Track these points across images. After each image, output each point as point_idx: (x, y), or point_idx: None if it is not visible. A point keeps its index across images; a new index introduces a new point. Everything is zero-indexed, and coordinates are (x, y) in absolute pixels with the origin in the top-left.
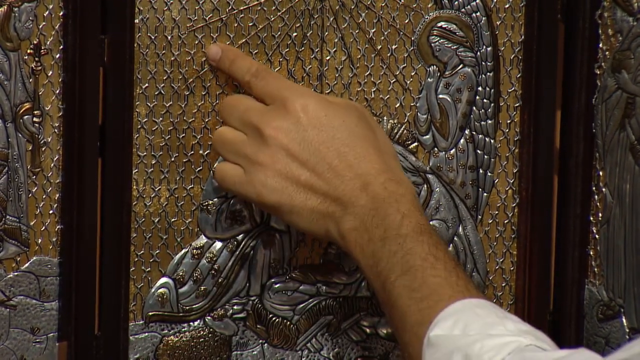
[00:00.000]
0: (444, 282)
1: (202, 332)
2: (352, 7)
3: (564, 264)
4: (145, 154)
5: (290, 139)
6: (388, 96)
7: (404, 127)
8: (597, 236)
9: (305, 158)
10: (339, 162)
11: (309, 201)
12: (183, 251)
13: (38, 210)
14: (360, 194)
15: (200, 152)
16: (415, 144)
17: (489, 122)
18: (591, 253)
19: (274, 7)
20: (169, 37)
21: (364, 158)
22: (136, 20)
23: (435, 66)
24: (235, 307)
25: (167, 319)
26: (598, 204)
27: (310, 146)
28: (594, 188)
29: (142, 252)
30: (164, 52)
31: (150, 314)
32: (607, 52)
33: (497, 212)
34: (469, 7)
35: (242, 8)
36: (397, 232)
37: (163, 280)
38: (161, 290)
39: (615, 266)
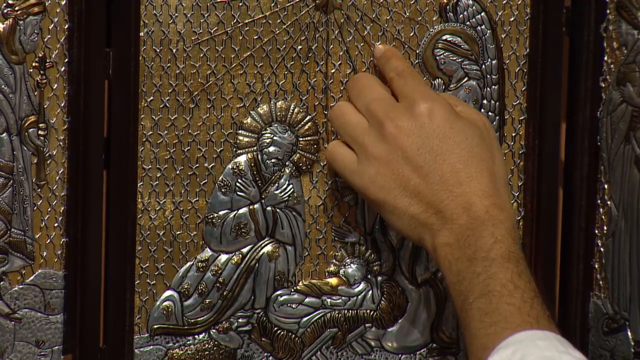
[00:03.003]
0: (516, 311)
1: (207, 345)
2: (357, 20)
3: (569, 277)
4: (150, 166)
5: (410, 141)
6: None
7: None
8: (602, 249)
9: (419, 164)
10: (451, 176)
11: (412, 207)
12: (188, 264)
13: (43, 223)
14: (462, 213)
15: (205, 165)
16: None
17: None
18: (596, 266)
19: (279, 20)
20: (174, 50)
21: (475, 179)
22: (141, 33)
23: (440, 79)
24: (240, 320)
25: (172, 331)
26: (603, 217)
27: (428, 154)
28: (599, 201)
29: (147, 265)
30: (169, 65)
31: (155, 326)
32: (612, 65)
33: None
34: (473, 20)
35: (247, 21)
36: (486, 255)
37: (168, 293)
38: (166, 303)
39: (621, 279)
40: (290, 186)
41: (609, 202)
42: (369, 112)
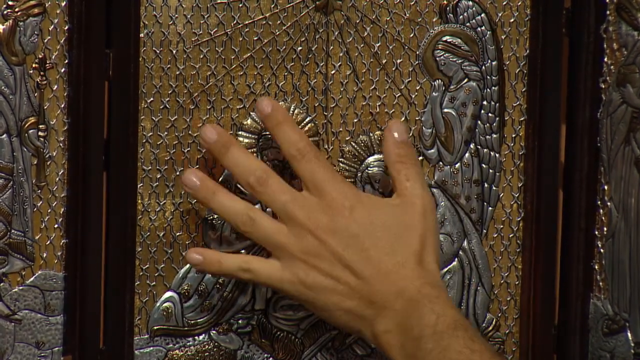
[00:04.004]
0: None
1: (207, 346)
2: (357, 21)
3: (569, 278)
4: (150, 168)
5: (336, 242)
6: (393, 110)
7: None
8: (602, 250)
9: (347, 262)
10: (379, 269)
11: (344, 303)
12: (188, 265)
13: (43, 225)
14: (396, 300)
15: (206, 166)
16: (420, 158)
17: (494, 136)
18: (596, 267)
19: (279, 22)
20: (174, 52)
21: (402, 266)
22: (141, 35)
23: (440, 80)
24: (240, 322)
25: (172, 333)
26: (603, 218)
27: (354, 252)
28: (598, 202)
29: (147, 266)
30: (169, 66)
31: (155, 328)
32: (612, 66)
33: (502, 226)
34: (473, 21)
35: (247, 22)
36: (433, 330)
37: (168, 294)
38: (166, 304)
39: (620, 280)
40: None
41: (609, 203)
42: (287, 215)
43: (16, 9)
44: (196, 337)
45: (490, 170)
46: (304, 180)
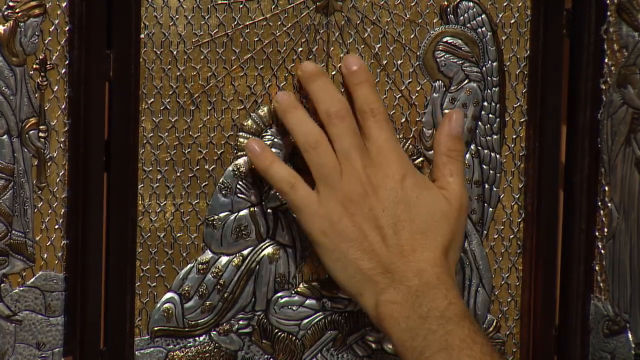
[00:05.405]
0: None
1: (207, 347)
2: (358, 22)
3: (570, 279)
4: (150, 168)
5: (378, 202)
6: (394, 111)
7: (409, 142)
8: (602, 251)
9: (381, 224)
10: (406, 243)
11: (362, 261)
12: (188, 266)
13: (44, 225)
14: (413, 277)
15: (206, 167)
16: (421, 159)
17: (495, 137)
18: (597, 268)
19: (279, 22)
20: (175, 52)
21: (428, 249)
22: (142, 35)
23: (440, 81)
24: (240, 322)
25: (172, 334)
26: (603, 219)
27: (391, 217)
28: (599, 203)
29: (147, 267)
30: (169, 67)
31: (156, 329)
32: (612, 67)
33: (502, 227)
34: (474, 22)
35: (247, 23)
36: (442, 314)
37: (168, 295)
38: (167, 305)
39: (621, 281)
40: None
41: (609, 204)
42: (347, 157)
43: (17, 10)
44: (197, 338)
45: (491, 171)
46: (369, 138)
